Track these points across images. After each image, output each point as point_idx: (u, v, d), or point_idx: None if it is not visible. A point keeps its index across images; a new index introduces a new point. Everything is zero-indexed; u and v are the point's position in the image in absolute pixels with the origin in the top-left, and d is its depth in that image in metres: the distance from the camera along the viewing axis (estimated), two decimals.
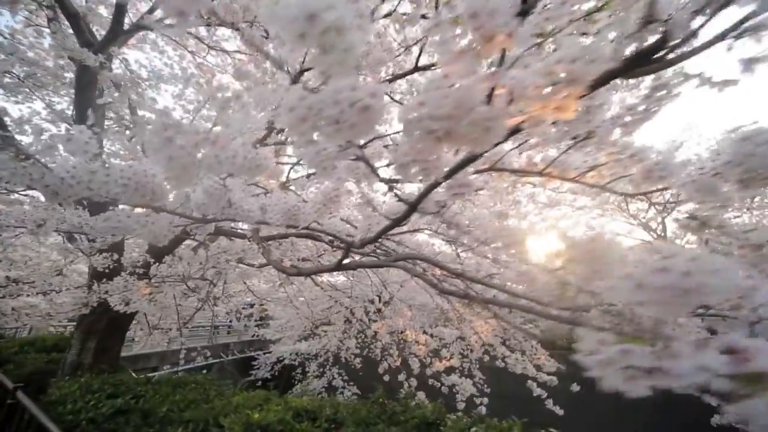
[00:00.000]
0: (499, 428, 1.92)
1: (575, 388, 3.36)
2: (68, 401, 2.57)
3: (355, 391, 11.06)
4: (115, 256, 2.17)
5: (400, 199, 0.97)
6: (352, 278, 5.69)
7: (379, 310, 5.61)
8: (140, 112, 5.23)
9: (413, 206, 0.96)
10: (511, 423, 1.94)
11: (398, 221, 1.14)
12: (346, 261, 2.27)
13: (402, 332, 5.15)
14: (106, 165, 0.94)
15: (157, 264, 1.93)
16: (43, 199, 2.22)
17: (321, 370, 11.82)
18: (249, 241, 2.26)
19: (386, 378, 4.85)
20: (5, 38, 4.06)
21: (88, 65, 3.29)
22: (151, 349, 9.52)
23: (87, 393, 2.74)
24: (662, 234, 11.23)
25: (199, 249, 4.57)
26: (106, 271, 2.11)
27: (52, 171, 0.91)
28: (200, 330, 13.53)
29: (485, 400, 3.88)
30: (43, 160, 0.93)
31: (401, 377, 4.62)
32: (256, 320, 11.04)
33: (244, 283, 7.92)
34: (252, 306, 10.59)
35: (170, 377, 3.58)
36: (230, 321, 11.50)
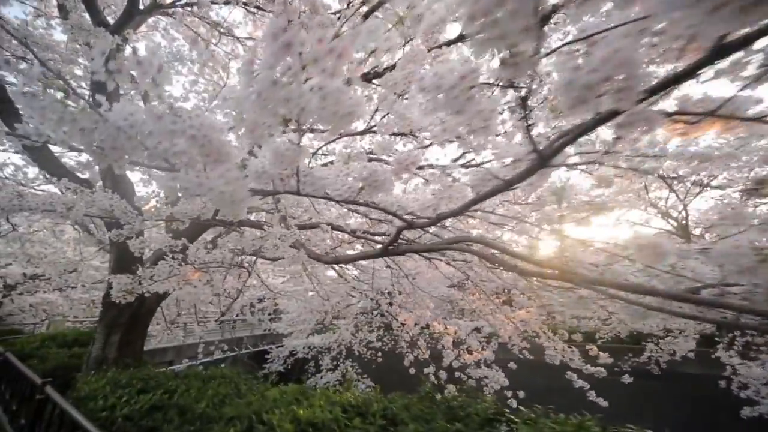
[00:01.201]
0: (570, 424, 1.74)
1: (627, 379, 3.19)
2: (99, 397, 2.46)
3: (369, 383, 11.03)
4: (144, 242, 2.03)
5: (534, 149, 0.78)
6: (373, 268, 5.53)
7: (390, 303, 5.47)
8: (153, 102, 5.07)
9: (547, 157, 0.78)
10: (582, 419, 1.77)
11: (511, 183, 0.95)
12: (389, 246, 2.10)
13: (427, 325, 5.01)
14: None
15: (196, 249, 1.79)
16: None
17: (334, 363, 11.80)
18: (265, 229, 2.10)
19: (412, 371, 4.72)
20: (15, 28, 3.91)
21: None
22: (168, 344, 9.55)
23: (117, 388, 2.63)
24: (684, 222, 10.89)
25: (218, 239, 4.42)
26: (139, 255, 1.98)
27: (107, 119, 0.74)
28: (213, 325, 13.61)
29: (521, 393, 3.72)
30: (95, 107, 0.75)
31: (427, 370, 4.49)
32: (269, 314, 11.02)
33: (258, 276, 7.84)
34: (262, 300, 10.57)
35: (195, 371, 3.46)
36: (243, 315, 11.51)
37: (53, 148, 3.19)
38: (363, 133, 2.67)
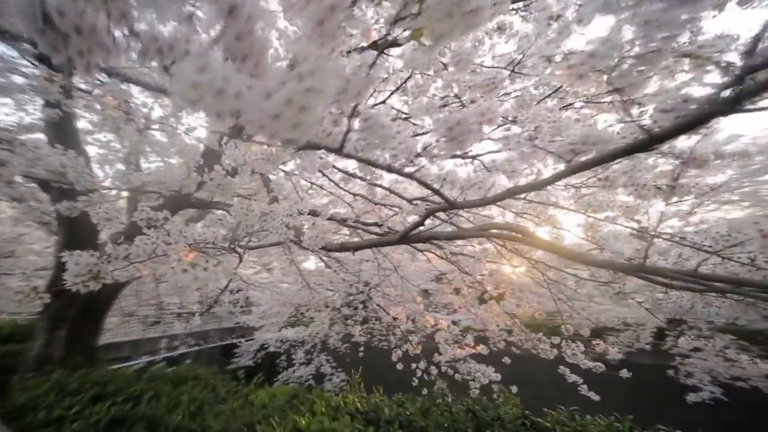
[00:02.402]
0: (599, 425, 1.61)
1: (625, 374, 3.22)
2: (40, 406, 1.99)
3: (344, 377, 10.87)
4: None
5: (643, 128, 0.56)
6: (360, 260, 5.25)
7: (369, 297, 5.27)
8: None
9: (657, 138, 0.56)
10: (612, 419, 1.64)
11: (615, 156, 0.72)
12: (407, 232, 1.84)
13: (413, 320, 4.85)
14: None
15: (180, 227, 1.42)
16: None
17: (308, 357, 11.49)
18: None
19: (400, 366, 4.55)
20: None
21: None
22: (124, 338, 8.67)
23: (64, 395, 2.17)
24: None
25: (189, 224, 3.96)
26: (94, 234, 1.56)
27: None
28: (175, 316, 12.65)
29: (513, 388, 3.66)
30: None
31: (415, 365, 4.32)
32: (241, 306, 10.39)
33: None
34: (233, 292, 9.96)
35: (163, 372, 3.02)
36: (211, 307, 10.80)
37: None
38: None
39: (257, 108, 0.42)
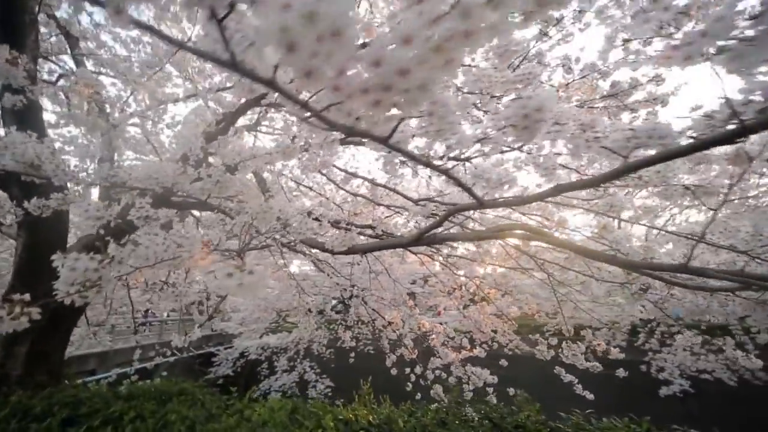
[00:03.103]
0: (617, 428, 1.59)
1: (622, 373, 3.28)
2: None
3: (329, 383, 10.63)
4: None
5: (737, 114, 0.50)
6: (351, 263, 5.10)
7: (364, 302, 5.16)
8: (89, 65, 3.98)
9: (750, 129, 0.51)
10: (627, 421, 1.63)
11: (705, 146, 0.67)
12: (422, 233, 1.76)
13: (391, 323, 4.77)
14: None
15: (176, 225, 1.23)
16: None
17: (291, 364, 11.16)
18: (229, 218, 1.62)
19: (394, 371, 4.44)
20: None
21: None
22: (89, 349, 7.98)
23: (29, 420, 1.90)
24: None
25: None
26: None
27: None
28: (147, 326, 11.89)
29: (510, 390, 3.66)
30: None
31: (413, 370, 4.24)
32: (216, 312, 9.90)
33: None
34: (217, 297, 9.50)
35: (144, 387, 2.76)
36: (189, 314, 10.27)
37: None
38: None
39: (376, 57, 0.31)
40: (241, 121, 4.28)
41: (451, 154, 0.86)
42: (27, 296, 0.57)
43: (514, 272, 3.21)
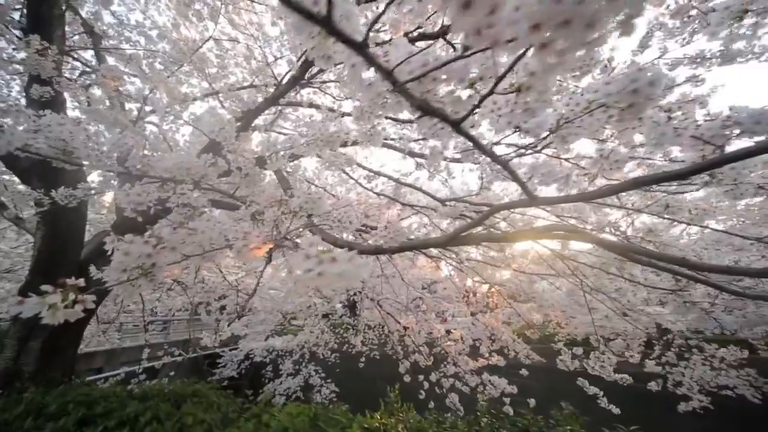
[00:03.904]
0: None
1: (654, 386, 3.12)
2: None
3: (333, 389, 10.49)
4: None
5: None
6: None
7: (379, 305, 5.05)
8: (110, 60, 4.01)
9: None
10: None
11: None
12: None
13: (406, 328, 4.66)
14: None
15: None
16: None
17: (296, 368, 11.05)
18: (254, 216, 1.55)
19: (407, 378, 4.31)
20: None
21: None
22: (97, 347, 7.98)
23: (44, 419, 1.83)
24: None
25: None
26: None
27: None
28: (155, 325, 11.89)
29: (531, 401, 3.50)
30: None
31: (429, 377, 4.11)
32: (231, 313, 9.86)
33: (220, 271, 6.93)
34: (221, 298, 9.48)
35: (158, 388, 2.69)
36: (197, 314, 10.27)
37: None
38: None
39: None
40: (256, 121, 4.26)
41: (527, 141, 0.78)
42: (81, 281, 0.50)
43: (540, 278, 3.09)
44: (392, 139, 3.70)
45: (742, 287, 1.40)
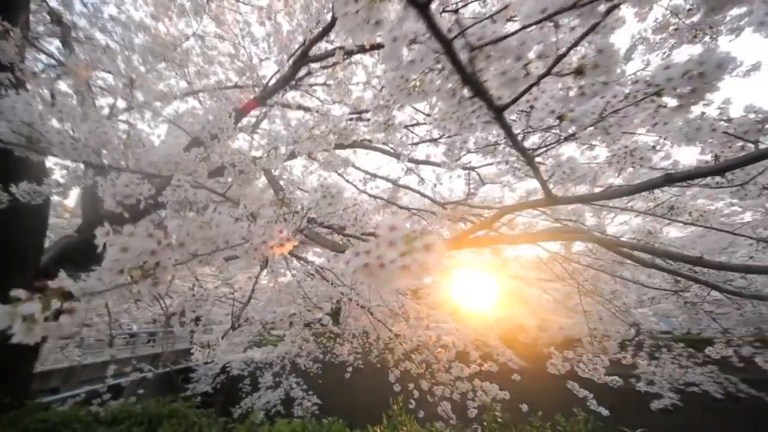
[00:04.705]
0: None
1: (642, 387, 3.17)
2: None
3: (316, 401, 10.11)
4: None
5: None
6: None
7: (370, 312, 4.93)
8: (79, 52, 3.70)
9: None
10: None
11: None
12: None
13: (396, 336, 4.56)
14: None
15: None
16: None
17: (277, 380, 10.56)
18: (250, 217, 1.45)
19: (397, 388, 4.19)
20: None
21: None
22: (53, 365, 7.23)
23: None
24: None
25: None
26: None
27: None
28: (118, 340, 11.02)
29: (524, 406, 3.48)
30: None
31: (419, 385, 4.01)
32: (207, 324, 9.31)
33: (197, 279, 6.54)
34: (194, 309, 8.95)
35: (129, 409, 2.43)
36: (169, 326, 9.70)
37: None
38: None
39: None
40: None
41: (565, 134, 0.73)
42: (68, 283, 0.38)
43: (538, 282, 3.11)
44: (384, 143, 3.66)
45: (738, 287, 1.43)
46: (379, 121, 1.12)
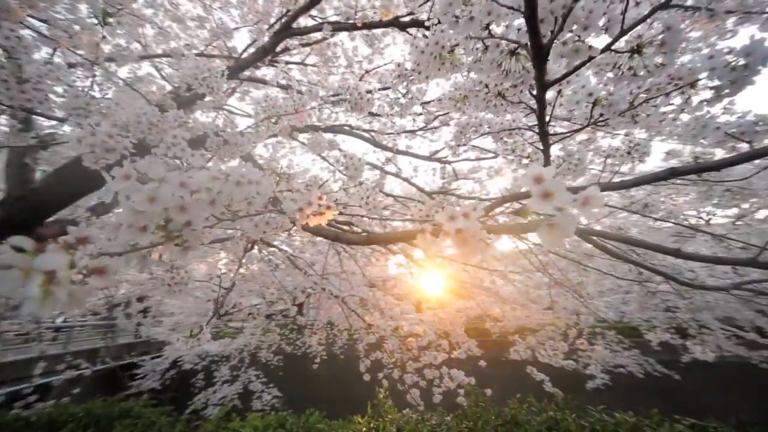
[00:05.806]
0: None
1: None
2: None
3: (276, 393, 9.84)
4: None
5: None
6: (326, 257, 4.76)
7: (344, 302, 4.89)
8: None
9: None
10: (638, 419, 1.67)
11: None
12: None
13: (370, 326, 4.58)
14: None
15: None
16: None
17: (234, 374, 10.09)
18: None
19: (367, 377, 4.17)
20: None
21: None
22: None
23: None
24: None
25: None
26: None
27: None
28: (45, 333, 9.71)
29: (488, 390, 3.65)
30: None
31: (390, 373, 4.04)
32: (153, 316, 8.52)
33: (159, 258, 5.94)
34: (143, 299, 8.20)
35: (71, 409, 2.15)
36: (111, 319, 8.78)
37: None
38: None
39: None
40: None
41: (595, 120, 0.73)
42: (85, 231, 0.27)
43: (496, 274, 3.25)
44: (365, 130, 3.55)
45: (688, 278, 1.60)
46: (398, 95, 1.04)
